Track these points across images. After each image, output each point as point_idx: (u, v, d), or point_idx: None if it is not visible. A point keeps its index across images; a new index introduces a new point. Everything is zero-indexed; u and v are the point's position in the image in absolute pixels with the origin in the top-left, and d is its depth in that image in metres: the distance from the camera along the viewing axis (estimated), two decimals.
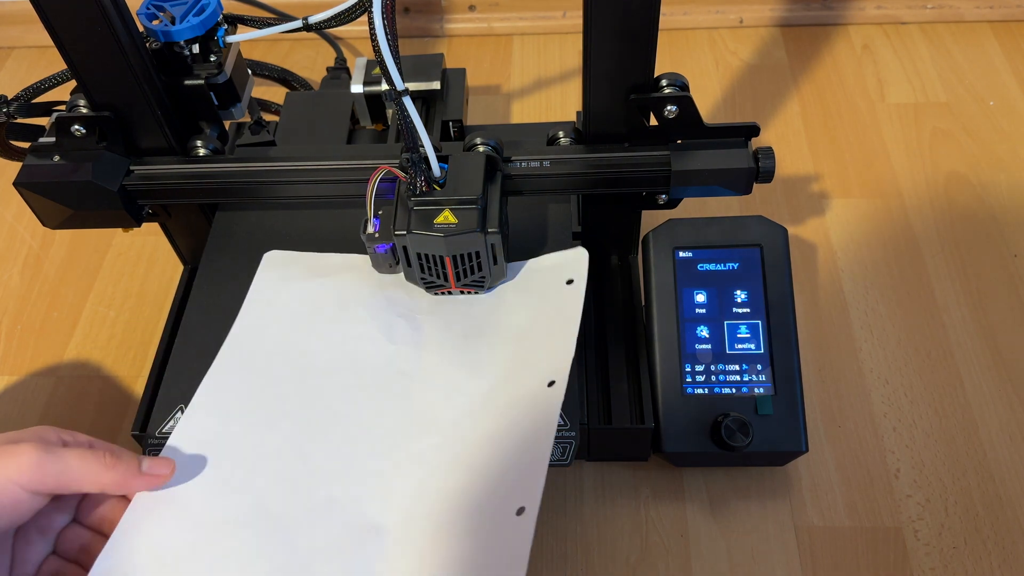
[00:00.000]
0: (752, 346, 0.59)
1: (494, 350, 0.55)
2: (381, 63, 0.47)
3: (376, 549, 0.46)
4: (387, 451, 0.51)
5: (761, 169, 0.55)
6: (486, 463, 0.49)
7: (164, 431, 0.55)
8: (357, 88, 0.73)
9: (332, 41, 0.95)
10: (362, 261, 0.59)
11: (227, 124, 0.65)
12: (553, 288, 0.57)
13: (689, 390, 0.58)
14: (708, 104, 0.90)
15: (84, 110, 0.57)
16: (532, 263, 0.59)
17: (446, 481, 0.49)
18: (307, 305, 0.58)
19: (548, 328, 0.54)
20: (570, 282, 0.56)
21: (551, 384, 0.51)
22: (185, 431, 0.52)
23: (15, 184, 0.56)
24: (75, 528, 0.47)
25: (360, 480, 0.50)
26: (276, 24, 0.58)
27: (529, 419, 0.50)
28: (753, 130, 0.56)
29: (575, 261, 0.58)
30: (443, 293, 0.57)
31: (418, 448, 0.51)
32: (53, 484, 0.43)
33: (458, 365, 0.54)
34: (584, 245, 0.65)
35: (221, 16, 0.59)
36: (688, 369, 0.58)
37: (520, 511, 0.44)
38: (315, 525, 0.47)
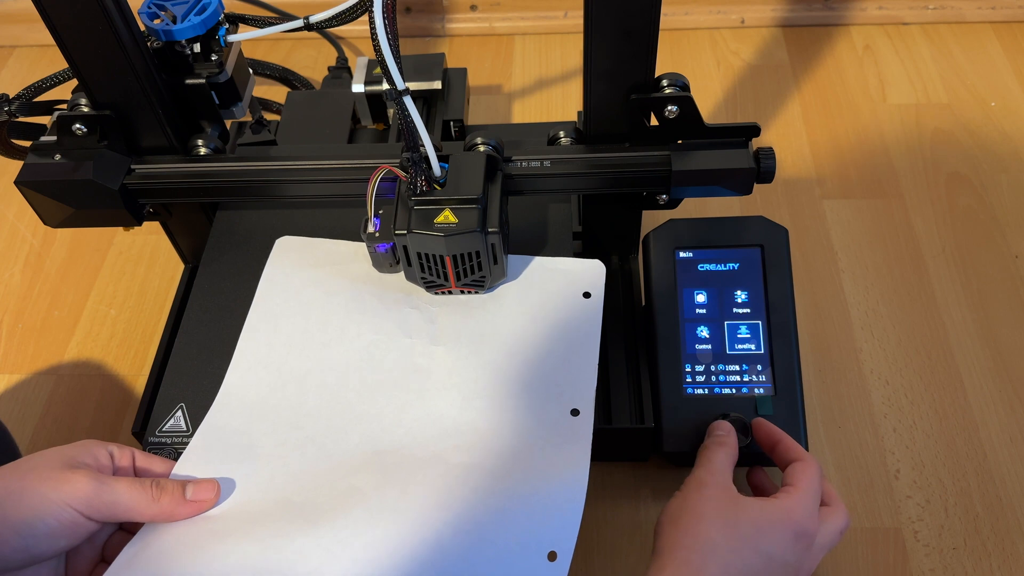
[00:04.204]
0: (752, 346, 0.59)
1: (511, 354, 0.55)
2: (382, 62, 0.47)
3: (395, 532, 0.46)
4: (407, 449, 0.51)
5: (762, 169, 0.55)
6: (508, 483, 0.49)
7: (164, 430, 0.55)
8: (358, 87, 0.73)
9: (333, 40, 0.95)
10: None
11: (228, 123, 0.65)
12: (570, 298, 0.57)
13: (689, 390, 0.58)
14: (709, 104, 0.90)
15: (85, 109, 0.57)
16: (542, 261, 0.59)
17: (467, 484, 0.49)
18: (321, 296, 0.58)
19: (567, 343, 0.55)
20: (587, 295, 0.57)
21: (575, 412, 0.52)
22: (211, 427, 0.53)
23: (16, 183, 0.56)
24: (121, 535, 0.48)
25: (383, 471, 0.50)
26: (277, 23, 0.58)
27: (553, 449, 0.50)
28: (754, 130, 0.56)
29: (592, 274, 0.58)
30: (443, 293, 0.57)
31: (435, 449, 0.51)
32: (107, 514, 0.45)
33: (475, 367, 0.54)
34: (584, 245, 0.65)
35: (222, 15, 0.59)
36: (688, 369, 0.58)
37: (551, 555, 0.45)
38: (337, 512, 0.48)
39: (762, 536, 0.46)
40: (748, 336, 0.59)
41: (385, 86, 0.48)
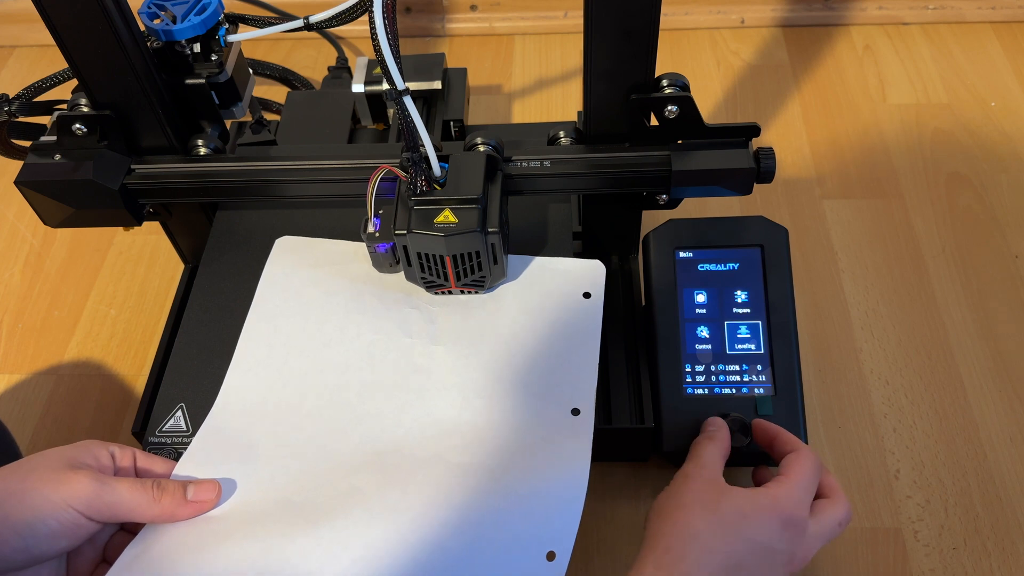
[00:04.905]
0: (752, 346, 0.59)
1: (511, 354, 0.55)
2: (382, 62, 0.47)
3: (396, 532, 0.46)
4: (407, 449, 0.51)
5: (762, 169, 0.55)
6: (509, 481, 0.49)
7: (164, 430, 0.55)
8: (358, 87, 0.73)
9: (333, 40, 0.95)
10: None
11: (228, 123, 0.65)
12: (570, 297, 0.57)
13: (689, 390, 0.58)
14: (709, 104, 0.90)
15: (85, 109, 0.57)
16: (542, 261, 0.59)
17: (467, 484, 0.49)
18: (320, 296, 0.58)
19: (567, 343, 0.55)
20: (587, 295, 0.57)
21: (575, 412, 0.52)
22: (211, 428, 0.53)
23: (16, 183, 0.56)
24: (123, 536, 0.48)
25: (383, 471, 0.50)
26: (277, 23, 0.58)
27: (553, 449, 0.50)
28: (754, 130, 0.56)
29: (592, 274, 0.58)
30: (443, 293, 0.57)
31: (435, 449, 0.51)
32: (107, 515, 0.45)
33: (475, 367, 0.54)
34: (584, 245, 0.65)
35: (222, 15, 0.59)
36: (688, 369, 0.58)
37: (550, 555, 0.45)
38: (338, 513, 0.48)
39: (746, 522, 0.46)
40: (748, 336, 0.59)
41: (385, 86, 0.48)
